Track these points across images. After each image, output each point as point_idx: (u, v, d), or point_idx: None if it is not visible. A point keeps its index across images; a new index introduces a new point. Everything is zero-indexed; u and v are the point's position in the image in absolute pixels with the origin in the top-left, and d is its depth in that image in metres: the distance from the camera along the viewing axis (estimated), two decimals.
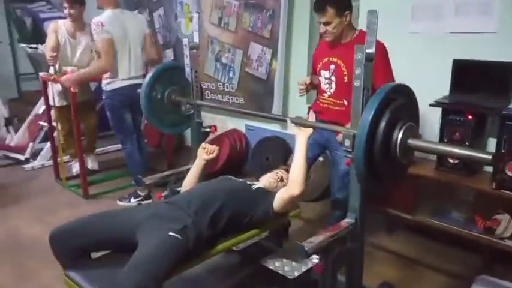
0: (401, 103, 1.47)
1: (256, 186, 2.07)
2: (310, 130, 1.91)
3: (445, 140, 2.63)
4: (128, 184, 3.78)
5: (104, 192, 3.74)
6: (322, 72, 2.37)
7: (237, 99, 4.10)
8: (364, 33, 2.30)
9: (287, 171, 2.17)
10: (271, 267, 2.03)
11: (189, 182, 2.23)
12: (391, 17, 2.98)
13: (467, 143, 2.54)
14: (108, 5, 3.26)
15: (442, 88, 2.73)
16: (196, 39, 2.57)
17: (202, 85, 4.30)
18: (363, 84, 1.65)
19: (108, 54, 3.16)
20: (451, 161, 2.60)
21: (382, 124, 1.41)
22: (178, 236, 1.66)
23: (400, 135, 1.44)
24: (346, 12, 2.21)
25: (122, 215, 1.87)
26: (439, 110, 2.64)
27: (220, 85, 4.23)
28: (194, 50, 2.54)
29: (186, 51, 2.49)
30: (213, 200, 1.86)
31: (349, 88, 2.13)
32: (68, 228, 1.79)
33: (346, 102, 2.27)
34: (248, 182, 2.15)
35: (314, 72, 2.56)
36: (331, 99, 2.34)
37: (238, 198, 1.93)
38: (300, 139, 1.88)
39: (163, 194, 2.31)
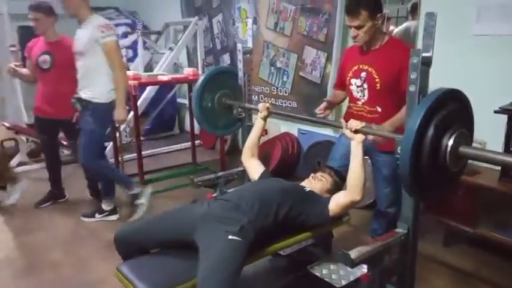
0: (452, 109, 1.39)
1: (308, 189, 2.06)
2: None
3: (511, 149, 2.47)
4: (181, 184, 3.90)
5: (159, 191, 3.88)
6: (353, 80, 2.29)
7: (290, 103, 4.10)
8: (394, 38, 2.26)
9: (330, 175, 2.16)
10: (318, 274, 2.01)
11: (250, 142, 2.35)
12: (454, 18, 2.85)
13: None
14: (90, 12, 2.99)
15: (509, 94, 2.56)
16: (250, 44, 2.61)
17: (256, 89, 4.34)
18: (419, 89, 1.59)
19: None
20: None
21: (431, 131, 1.34)
22: (238, 238, 1.68)
23: (450, 143, 1.37)
24: (379, 15, 2.13)
25: (177, 215, 1.92)
26: (505, 117, 2.48)
27: (274, 89, 4.25)
28: (248, 55, 2.57)
29: (240, 56, 2.53)
30: (267, 198, 1.88)
31: (382, 95, 2.09)
32: (129, 230, 1.93)
33: (379, 109, 2.21)
34: (300, 184, 2.15)
35: (339, 83, 2.48)
36: (365, 106, 2.26)
37: (292, 198, 1.93)
38: (356, 144, 1.84)
39: (214, 195, 2.36)
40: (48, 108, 3.31)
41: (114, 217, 3.31)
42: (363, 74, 2.24)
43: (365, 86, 2.25)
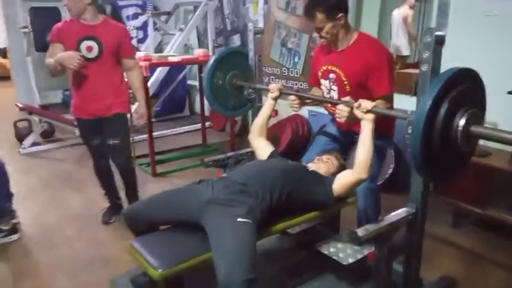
0: (465, 88, 1.38)
1: (311, 169, 2.07)
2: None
3: None
4: (192, 164, 3.95)
5: (170, 171, 3.94)
6: (322, 81, 2.23)
7: (301, 84, 4.08)
8: (363, 36, 2.14)
9: (336, 158, 2.15)
10: (325, 253, 2.03)
11: (259, 122, 2.32)
12: None
13: None
14: None
15: None
16: (261, 24, 2.59)
17: (267, 70, 4.33)
18: (431, 68, 1.57)
19: None
20: None
21: (443, 110, 1.33)
22: (248, 220, 1.70)
23: (461, 122, 1.36)
24: (340, 15, 2.02)
25: (182, 197, 1.92)
26: None
27: (285, 70, 4.23)
28: (259, 35, 2.56)
29: (251, 36, 2.52)
30: (271, 179, 1.88)
31: (352, 95, 1.97)
32: (137, 209, 1.98)
33: None
34: (303, 164, 2.15)
35: (312, 81, 2.39)
36: (334, 109, 2.10)
37: (295, 178, 1.95)
38: (367, 123, 1.83)
39: (223, 175, 2.38)
40: (96, 106, 2.69)
41: (15, 236, 2.79)
42: (332, 76, 2.16)
43: (334, 87, 2.18)
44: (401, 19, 4.19)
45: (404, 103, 2.38)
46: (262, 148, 2.27)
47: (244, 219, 1.69)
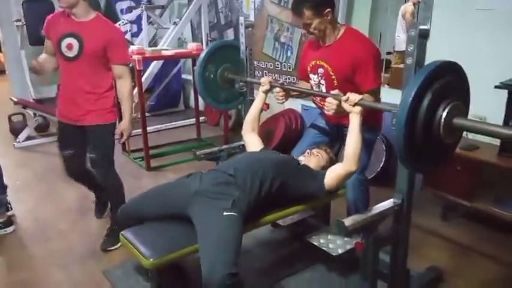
0: (448, 81, 1.41)
1: (302, 163, 2.10)
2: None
3: (510, 125, 2.48)
4: (186, 159, 3.97)
5: (164, 165, 3.97)
6: (311, 76, 2.26)
7: (293, 79, 4.10)
8: (350, 30, 2.19)
9: (326, 152, 2.19)
10: (315, 244, 2.07)
11: (251, 116, 2.35)
12: None
13: None
14: None
15: (510, 69, 2.56)
16: (252, 18, 2.61)
17: (260, 64, 4.34)
18: (415, 61, 1.60)
19: None
20: None
21: (425, 102, 1.36)
22: (233, 213, 1.72)
23: (444, 114, 1.39)
24: (327, 11, 2.05)
25: (172, 189, 1.96)
26: (505, 92, 2.49)
27: (278, 64, 4.25)
28: (249, 29, 2.58)
29: (242, 30, 2.54)
30: (261, 172, 1.89)
31: (340, 89, 1.99)
32: (127, 206, 2.04)
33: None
34: (294, 157, 2.19)
35: (301, 75, 2.43)
36: (323, 102, 2.14)
37: (286, 169, 1.98)
38: (355, 116, 1.85)
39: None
40: (71, 110, 2.48)
41: (10, 229, 2.82)
42: (320, 70, 2.20)
43: (322, 82, 2.21)
44: (401, 15, 4.23)
45: (399, 98, 2.40)
46: (252, 143, 2.29)
47: (230, 213, 1.72)
